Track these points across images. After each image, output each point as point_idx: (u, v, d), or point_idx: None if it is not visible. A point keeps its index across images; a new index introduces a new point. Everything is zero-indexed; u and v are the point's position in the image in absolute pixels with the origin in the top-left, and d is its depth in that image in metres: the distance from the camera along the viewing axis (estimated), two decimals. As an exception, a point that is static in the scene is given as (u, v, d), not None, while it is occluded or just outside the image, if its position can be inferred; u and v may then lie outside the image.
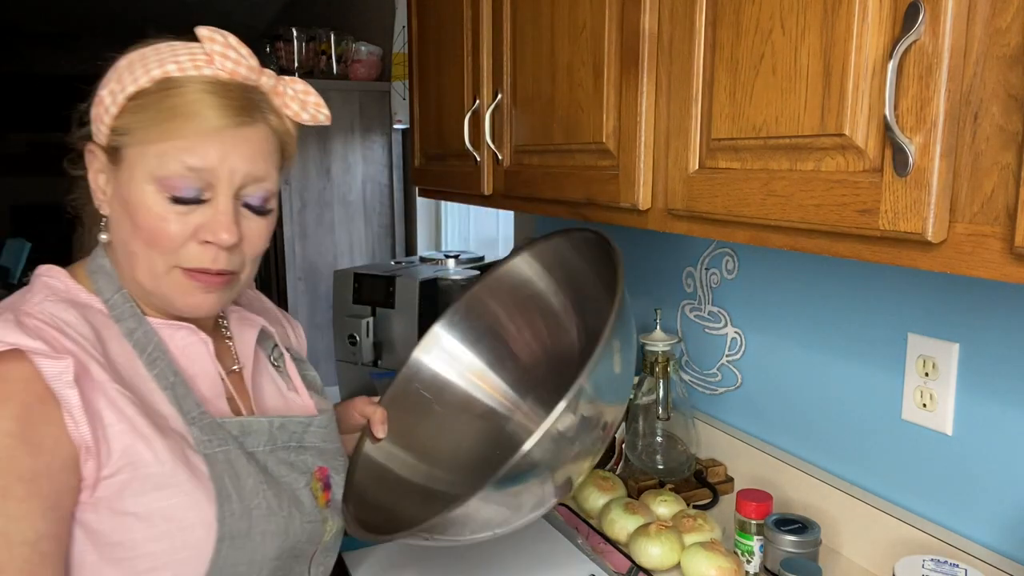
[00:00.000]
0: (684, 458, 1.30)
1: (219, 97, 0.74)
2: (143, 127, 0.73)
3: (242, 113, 0.75)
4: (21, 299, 0.75)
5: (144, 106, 0.74)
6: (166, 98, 0.73)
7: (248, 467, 0.77)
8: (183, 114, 0.72)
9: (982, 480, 0.95)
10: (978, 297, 0.94)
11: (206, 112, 0.73)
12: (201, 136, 0.73)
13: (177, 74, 0.74)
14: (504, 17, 1.24)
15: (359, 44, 2.77)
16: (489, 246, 2.53)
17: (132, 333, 0.77)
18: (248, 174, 0.76)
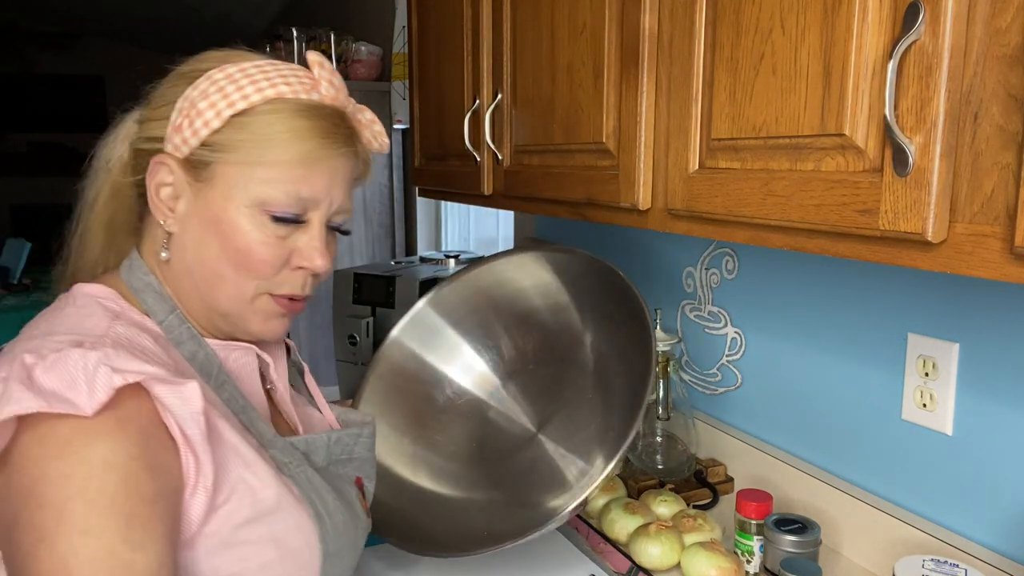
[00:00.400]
0: (684, 458, 1.30)
1: (329, 124, 0.73)
2: (248, 147, 0.70)
3: (347, 143, 0.75)
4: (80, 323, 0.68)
5: (250, 124, 0.71)
6: (278, 120, 0.71)
7: (324, 484, 0.77)
8: (296, 139, 0.71)
9: (982, 480, 0.95)
10: (978, 297, 0.94)
11: (318, 140, 0.72)
12: (311, 164, 0.72)
13: (289, 96, 0.72)
14: (504, 17, 1.24)
15: (359, 44, 2.77)
16: (489, 246, 2.53)
17: (195, 356, 0.74)
18: (343, 203, 0.76)
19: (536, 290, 1.19)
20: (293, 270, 0.75)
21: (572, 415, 1.13)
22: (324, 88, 0.73)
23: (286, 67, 0.74)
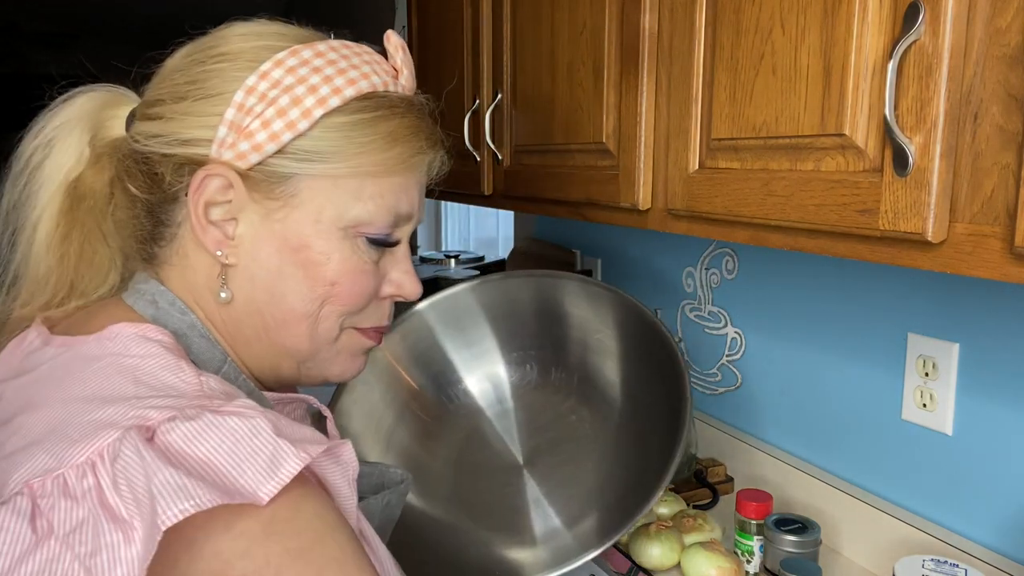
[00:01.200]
0: (684, 458, 1.29)
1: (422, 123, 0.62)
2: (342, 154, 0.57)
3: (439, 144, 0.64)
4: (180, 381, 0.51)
5: (344, 126, 0.57)
6: (375, 120, 0.58)
7: None
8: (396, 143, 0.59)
9: (982, 480, 0.95)
10: (978, 297, 0.94)
11: (415, 143, 0.60)
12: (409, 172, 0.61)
13: (381, 89, 0.60)
14: (504, 17, 1.24)
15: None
16: (489, 246, 2.53)
17: None
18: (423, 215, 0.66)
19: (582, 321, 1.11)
20: (381, 299, 0.64)
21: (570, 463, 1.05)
22: (406, 78, 0.62)
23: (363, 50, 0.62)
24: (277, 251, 0.58)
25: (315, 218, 0.58)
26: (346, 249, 0.59)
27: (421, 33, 1.61)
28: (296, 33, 0.62)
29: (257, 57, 0.57)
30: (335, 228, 0.58)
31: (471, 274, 1.84)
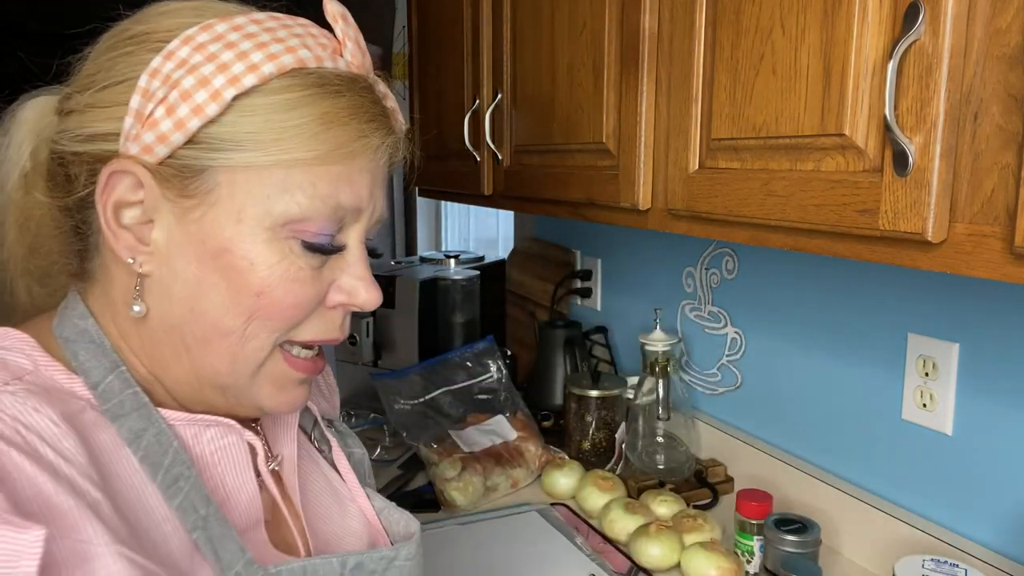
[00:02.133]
0: (684, 458, 1.30)
1: (367, 103, 0.53)
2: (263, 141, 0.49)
3: (390, 127, 0.55)
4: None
5: (264, 108, 0.49)
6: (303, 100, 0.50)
7: None
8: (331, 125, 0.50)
9: (982, 480, 0.95)
10: (978, 297, 0.94)
11: (357, 125, 0.51)
12: (351, 159, 0.52)
13: (312, 65, 0.51)
14: (504, 17, 1.24)
15: (359, 44, 2.77)
16: (489, 246, 2.53)
17: (139, 438, 0.50)
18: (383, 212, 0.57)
19: None
20: (330, 308, 0.55)
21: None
22: (350, 52, 0.54)
23: (295, 23, 0.54)
24: (196, 257, 0.50)
25: (236, 217, 0.49)
26: (275, 253, 0.50)
27: (421, 33, 1.61)
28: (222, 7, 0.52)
29: (168, 36, 0.49)
30: (260, 228, 0.50)
31: (471, 274, 1.84)
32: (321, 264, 0.53)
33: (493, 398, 1.49)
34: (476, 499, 1.24)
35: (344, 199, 0.52)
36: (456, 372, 1.52)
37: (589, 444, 1.40)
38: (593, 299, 1.74)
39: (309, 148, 0.50)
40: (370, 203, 0.54)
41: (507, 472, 1.30)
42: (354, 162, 0.52)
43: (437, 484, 1.26)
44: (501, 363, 1.53)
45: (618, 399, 1.40)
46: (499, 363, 1.53)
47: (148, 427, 0.51)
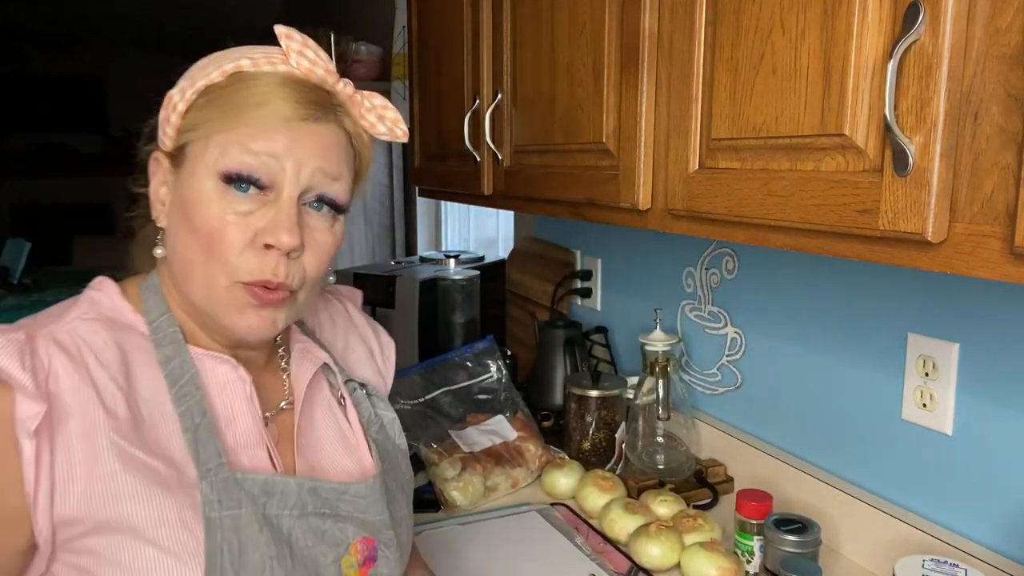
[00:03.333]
0: (684, 458, 1.30)
1: (291, 90, 0.69)
2: (209, 121, 0.68)
3: (314, 108, 0.69)
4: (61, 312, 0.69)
5: (213, 100, 0.69)
6: (236, 91, 0.68)
7: (260, 536, 0.66)
8: (251, 104, 0.67)
9: (982, 480, 0.95)
10: (978, 297, 0.94)
11: (275, 102, 0.68)
12: (269, 125, 0.67)
13: (250, 68, 0.69)
14: (504, 17, 1.24)
15: (359, 44, 2.77)
16: (489, 246, 2.53)
17: (168, 361, 0.70)
18: (318, 169, 0.69)
19: None
20: (259, 251, 0.67)
21: None
22: (294, 60, 0.70)
23: (259, 47, 0.72)
24: (178, 209, 0.70)
25: (191, 173, 0.69)
26: (211, 197, 0.67)
27: (421, 33, 1.61)
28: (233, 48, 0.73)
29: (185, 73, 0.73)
30: (204, 180, 0.67)
31: (471, 274, 1.84)
32: (251, 209, 0.67)
33: (493, 398, 1.49)
34: (476, 499, 1.24)
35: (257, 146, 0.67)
36: (456, 372, 1.52)
37: (589, 444, 1.40)
38: (593, 299, 1.74)
39: (228, 120, 0.67)
40: (291, 157, 0.68)
41: (507, 472, 1.30)
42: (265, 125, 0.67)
43: (437, 484, 1.26)
44: (501, 363, 1.53)
45: (618, 399, 1.40)
46: (499, 363, 1.53)
47: (176, 355, 0.70)
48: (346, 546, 0.73)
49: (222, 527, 0.64)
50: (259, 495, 0.68)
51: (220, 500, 0.65)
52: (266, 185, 0.68)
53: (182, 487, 0.65)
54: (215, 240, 0.67)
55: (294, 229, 0.67)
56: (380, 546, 0.76)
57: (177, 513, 0.63)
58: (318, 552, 0.71)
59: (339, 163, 0.71)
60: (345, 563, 0.72)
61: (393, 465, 0.83)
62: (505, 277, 2.04)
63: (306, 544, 0.70)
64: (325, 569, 0.71)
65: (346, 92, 0.73)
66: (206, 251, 0.67)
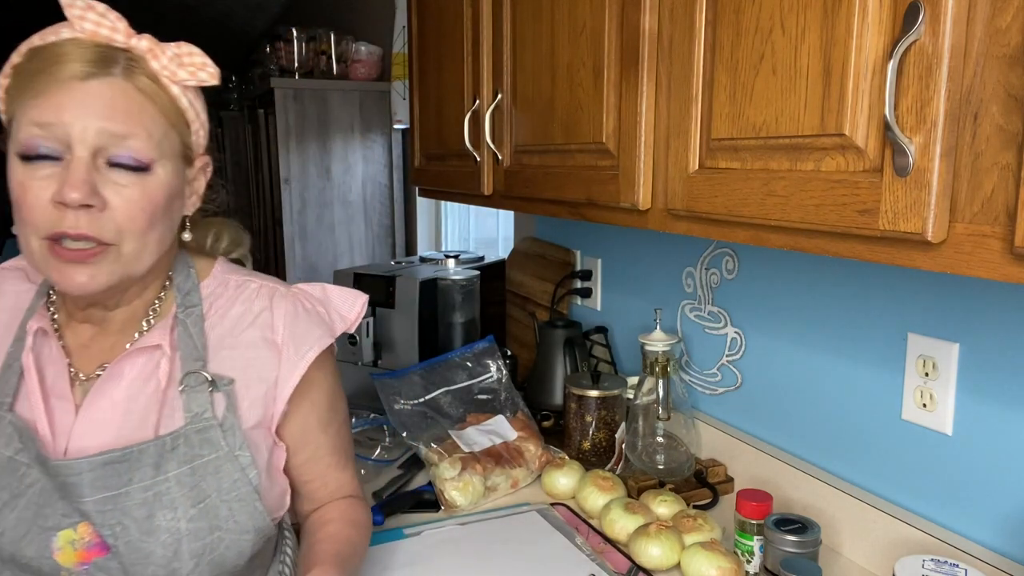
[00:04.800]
0: (684, 458, 1.30)
1: (70, 53, 0.73)
2: (14, 99, 0.75)
3: (94, 65, 0.73)
4: None
5: (16, 77, 0.75)
6: (30, 64, 0.74)
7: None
8: (36, 72, 0.73)
9: (982, 480, 0.95)
10: (978, 297, 0.94)
11: (54, 67, 0.72)
12: (50, 91, 0.72)
13: (39, 43, 0.75)
14: (504, 17, 1.24)
15: (359, 44, 2.78)
16: (489, 246, 2.53)
17: (29, 310, 0.83)
18: (103, 129, 0.73)
19: None
20: (57, 207, 0.72)
21: None
22: (78, 24, 0.74)
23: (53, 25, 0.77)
24: None
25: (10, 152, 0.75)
26: (20, 171, 0.73)
27: (421, 33, 1.61)
28: None
29: None
30: (13, 159, 0.74)
31: (471, 274, 1.84)
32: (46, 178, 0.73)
33: (493, 398, 1.49)
34: (476, 499, 1.24)
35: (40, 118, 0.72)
36: (456, 372, 1.51)
37: (589, 444, 1.40)
38: (593, 299, 1.74)
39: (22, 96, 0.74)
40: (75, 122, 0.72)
41: (507, 472, 1.30)
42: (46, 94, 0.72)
43: (437, 484, 1.25)
44: (501, 363, 1.53)
45: (618, 399, 1.40)
46: (499, 363, 1.53)
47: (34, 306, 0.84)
48: (74, 522, 0.75)
49: None
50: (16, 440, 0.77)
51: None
52: (57, 155, 0.73)
53: None
54: (21, 205, 0.73)
55: (80, 186, 0.72)
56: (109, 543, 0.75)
57: None
58: (42, 514, 0.75)
59: (127, 120, 0.74)
60: (64, 536, 0.75)
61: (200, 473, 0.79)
62: (505, 277, 2.04)
63: (37, 501, 0.75)
64: (38, 532, 0.75)
65: (141, 46, 0.77)
66: (18, 217, 0.74)
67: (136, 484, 0.76)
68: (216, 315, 0.87)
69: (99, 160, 0.74)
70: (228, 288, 0.89)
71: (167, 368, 0.82)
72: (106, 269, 0.75)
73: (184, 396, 0.81)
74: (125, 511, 0.76)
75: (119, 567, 0.76)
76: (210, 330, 0.85)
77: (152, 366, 0.82)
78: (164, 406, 0.81)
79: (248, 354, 0.85)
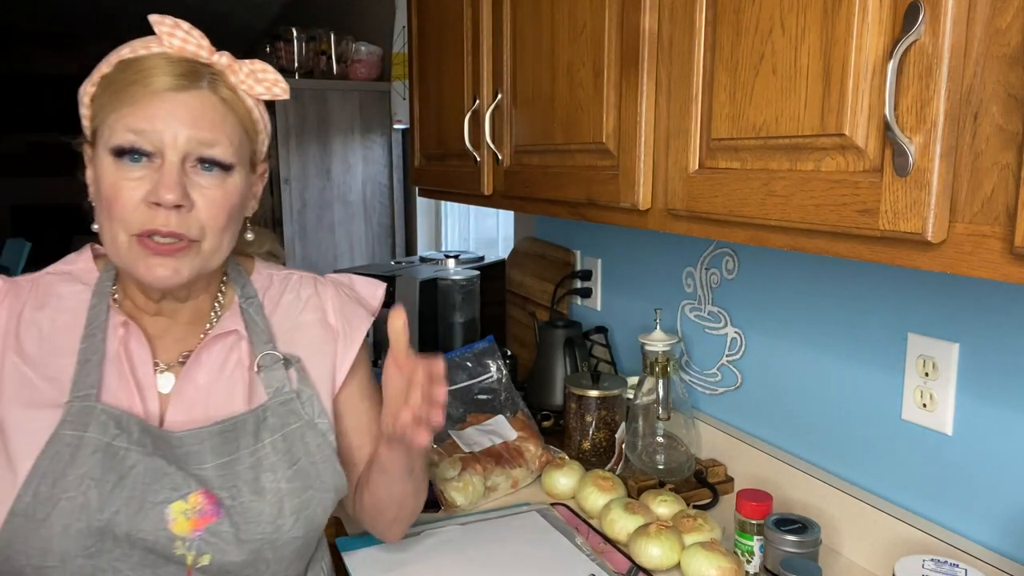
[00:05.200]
0: (684, 458, 1.30)
1: (162, 67, 0.80)
2: (104, 105, 0.81)
3: (184, 78, 0.80)
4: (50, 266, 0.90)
5: (106, 87, 0.81)
6: (121, 75, 0.80)
7: (91, 459, 0.78)
8: (130, 83, 0.79)
9: (982, 480, 0.95)
10: (978, 297, 0.94)
11: (148, 79, 0.79)
12: (144, 101, 0.79)
13: (129, 55, 0.82)
14: (504, 17, 1.24)
15: (359, 44, 2.77)
16: (489, 246, 2.53)
17: (92, 308, 0.86)
18: (192, 137, 0.80)
19: None
20: (150, 207, 0.79)
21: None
22: (167, 41, 0.81)
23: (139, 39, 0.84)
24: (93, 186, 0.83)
25: (97, 155, 0.81)
26: (108, 171, 0.80)
27: (421, 33, 1.61)
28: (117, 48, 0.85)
29: None
30: (104, 158, 0.80)
31: (471, 274, 1.84)
32: (141, 175, 0.79)
33: (493, 398, 1.49)
34: (476, 499, 1.24)
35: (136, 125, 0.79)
36: (456, 372, 1.51)
37: (589, 444, 1.40)
38: (593, 299, 1.74)
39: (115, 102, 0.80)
40: (167, 129, 0.79)
41: (507, 472, 1.30)
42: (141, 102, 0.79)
43: (437, 484, 1.25)
44: (501, 363, 1.53)
45: (618, 399, 1.40)
46: (499, 363, 1.53)
47: (100, 303, 0.87)
48: (185, 494, 0.81)
49: (61, 442, 0.78)
50: (112, 427, 0.80)
51: (72, 421, 0.79)
52: (151, 152, 0.79)
53: (53, 406, 0.80)
54: (113, 203, 0.79)
55: (175, 188, 0.79)
56: (224, 505, 0.83)
57: (36, 423, 0.79)
58: (150, 490, 0.80)
59: (212, 129, 0.82)
60: (176, 508, 0.81)
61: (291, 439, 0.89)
62: (505, 277, 2.04)
63: (143, 480, 0.80)
64: (150, 507, 0.80)
65: (222, 62, 0.84)
66: (108, 214, 0.80)
67: (243, 451, 0.86)
68: (270, 304, 0.96)
69: (187, 164, 0.81)
70: (274, 280, 0.99)
71: (247, 350, 0.91)
72: (188, 263, 0.82)
73: (263, 374, 0.90)
74: (237, 475, 0.84)
75: (231, 529, 0.82)
76: (269, 317, 0.95)
77: (226, 351, 0.90)
78: (248, 384, 0.90)
79: (308, 335, 0.96)
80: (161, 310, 0.89)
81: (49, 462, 0.77)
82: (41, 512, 0.76)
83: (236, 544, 0.82)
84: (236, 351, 0.91)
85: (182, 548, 0.81)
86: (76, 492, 0.77)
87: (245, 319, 0.93)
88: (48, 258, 0.93)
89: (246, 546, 0.83)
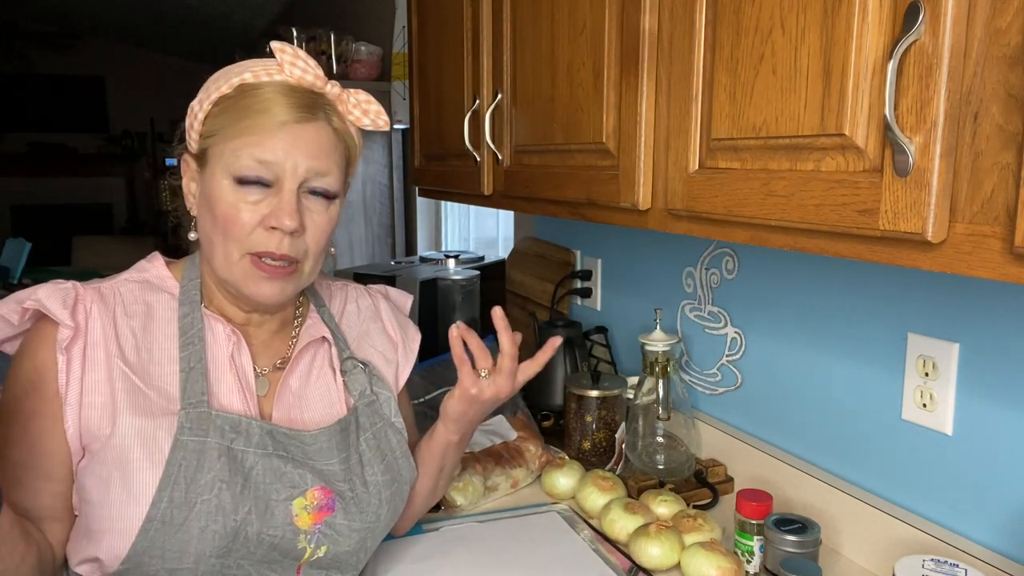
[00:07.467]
0: (684, 458, 1.30)
1: (285, 97, 0.83)
2: (223, 127, 0.83)
3: (305, 111, 0.84)
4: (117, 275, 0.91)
5: (225, 109, 0.84)
6: (242, 100, 0.83)
7: (218, 463, 0.81)
8: (255, 111, 0.82)
9: (982, 480, 0.95)
10: (978, 297, 0.94)
11: (274, 109, 0.82)
12: (269, 131, 0.82)
13: (252, 80, 0.84)
14: (504, 17, 1.24)
15: (359, 44, 2.77)
16: (489, 246, 2.53)
17: (185, 316, 0.88)
18: (311, 168, 0.84)
19: None
20: (267, 230, 0.83)
21: None
22: (288, 69, 0.85)
23: (259, 60, 0.86)
24: (202, 201, 0.86)
25: (212, 173, 0.84)
26: (227, 192, 0.83)
27: (421, 33, 1.61)
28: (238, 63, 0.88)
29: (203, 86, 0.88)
30: (222, 179, 0.83)
31: (471, 274, 1.84)
32: (259, 199, 0.83)
33: (493, 398, 1.49)
34: (476, 499, 1.24)
35: (264, 156, 0.82)
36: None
37: (589, 444, 1.40)
38: (593, 299, 1.74)
39: (238, 128, 0.83)
40: (288, 160, 0.83)
41: (507, 472, 1.30)
42: (266, 132, 0.82)
43: (437, 484, 1.25)
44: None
45: (618, 399, 1.40)
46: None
47: (191, 312, 0.89)
48: (303, 490, 0.86)
49: (186, 448, 0.81)
50: (228, 431, 0.83)
51: (191, 427, 0.82)
52: (271, 183, 0.83)
53: (165, 413, 0.82)
54: (231, 223, 0.83)
55: (295, 215, 0.83)
56: (339, 498, 0.88)
57: (154, 431, 0.81)
58: (272, 489, 0.84)
59: (328, 161, 0.86)
60: (298, 504, 0.85)
61: (379, 436, 0.96)
62: (505, 277, 2.04)
63: (264, 480, 0.84)
64: (276, 505, 0.84)
65: (334, 92, 0.88)
66: (224, 232, 0.84)
67: (352, 448, 0.92)
68: (336, 313, 1.03)
69: (300, 191, 0.85)
70: (333, 291, 1.06)
71: (334, 355, 0.97)
72: (292, 284, 0.88)
73: (348, 378, 0.97)
74: (351, 469, 0.91)
75: (344, 521, 0.88)
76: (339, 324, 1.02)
77: (313, 355, 0.96)
78: (339, 387, 0.96)
79: (375, 342, 1.04)
80: (250, 320, 0.93)
81: (178, 468, 0.79)
82: (179, 516, 0.78)
83: (348, 535, 0.88)
84: (321, 356, 0.96)
85: (304, 542, 0.86)
86: (210, 495, 0.80)
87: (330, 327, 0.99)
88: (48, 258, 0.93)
89: (355, 536, 0.89)
